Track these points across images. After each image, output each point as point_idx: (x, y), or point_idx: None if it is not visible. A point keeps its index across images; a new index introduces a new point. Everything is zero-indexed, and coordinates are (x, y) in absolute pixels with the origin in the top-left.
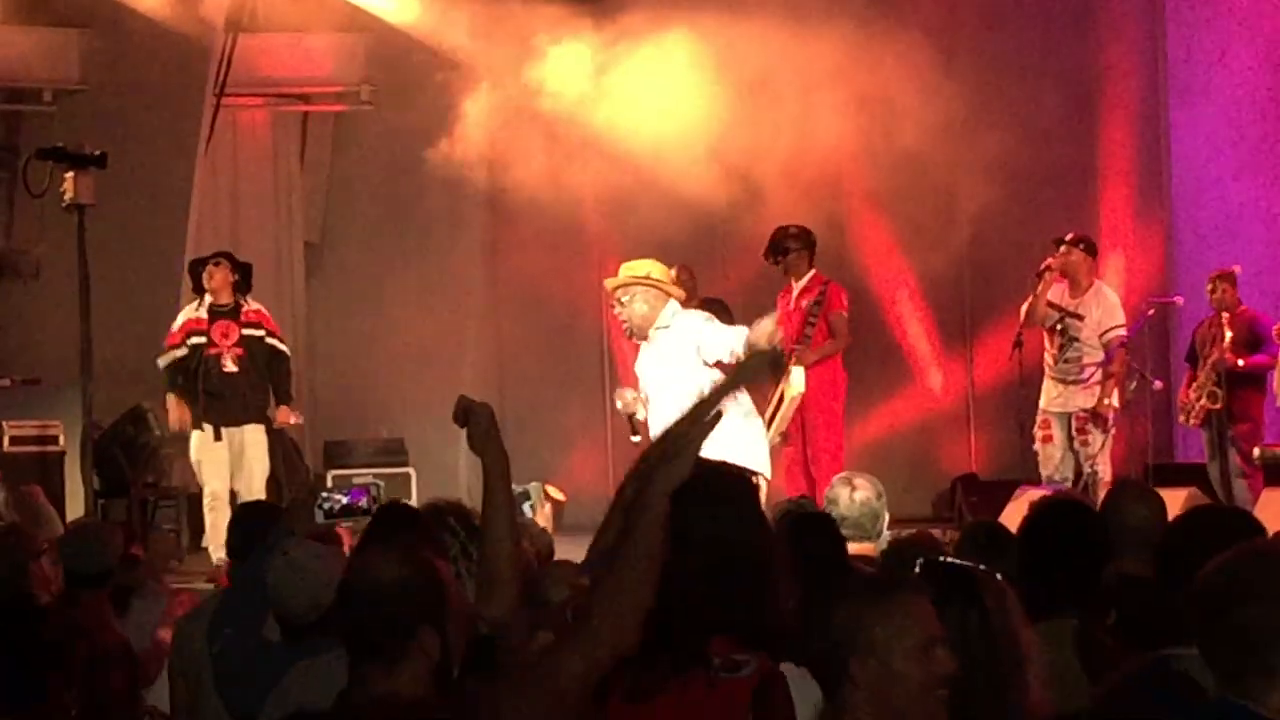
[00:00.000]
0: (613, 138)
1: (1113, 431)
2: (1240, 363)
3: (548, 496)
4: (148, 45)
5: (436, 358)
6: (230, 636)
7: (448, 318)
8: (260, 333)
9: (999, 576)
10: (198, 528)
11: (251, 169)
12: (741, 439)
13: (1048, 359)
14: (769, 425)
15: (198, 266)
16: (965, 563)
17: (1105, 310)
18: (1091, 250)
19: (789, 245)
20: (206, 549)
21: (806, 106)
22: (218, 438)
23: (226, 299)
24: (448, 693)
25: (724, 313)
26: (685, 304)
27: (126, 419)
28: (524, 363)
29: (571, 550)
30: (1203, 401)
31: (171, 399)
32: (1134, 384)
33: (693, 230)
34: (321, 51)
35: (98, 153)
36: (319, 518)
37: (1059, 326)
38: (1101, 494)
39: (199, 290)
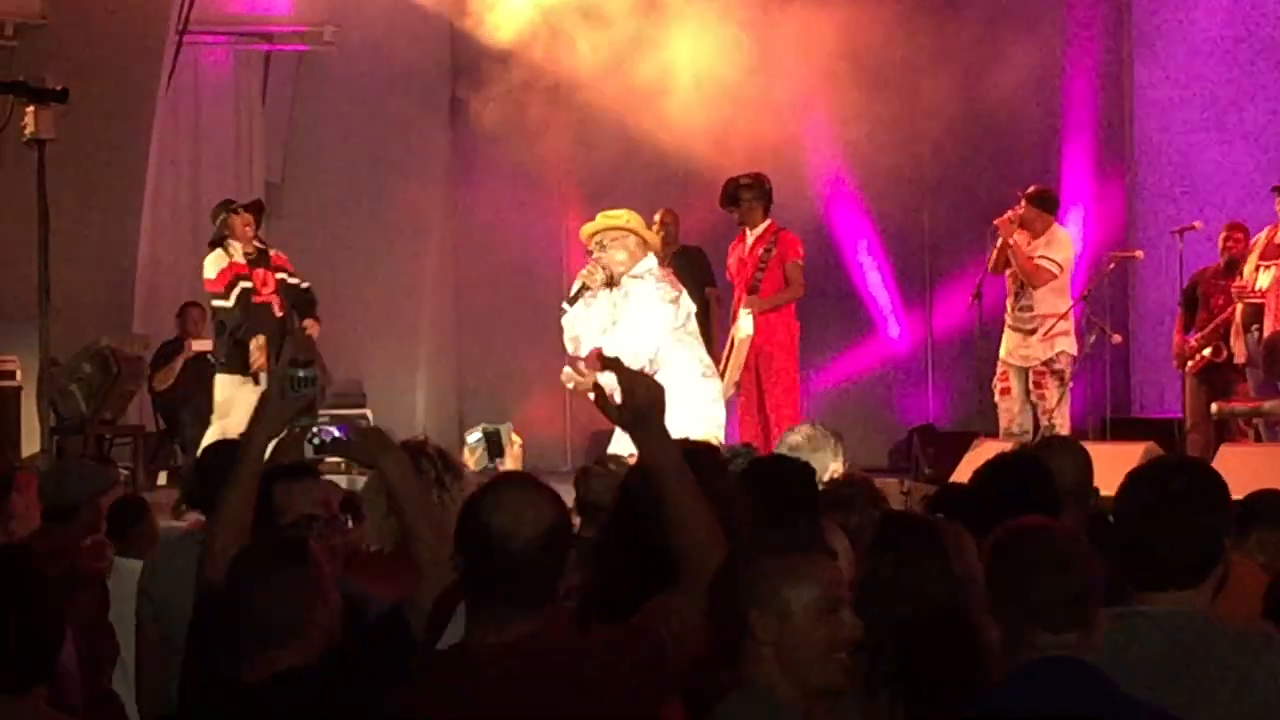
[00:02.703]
0: (575, 79)
1: (1070, 385)
2: None
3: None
4: None
5: (395, 299)
6: None
7: (407, 259)
8: (285, 275)
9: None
10: (156, 467)
11: (213, 108)
12: (698, 399)
13: (1008, 306)
14: (723, 374)
15: (224, 212)
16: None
17: (1048, 242)
18: (1043, 205)
19: (741, 195)
20: (163, 487)
21: (769, 53)
22: (256, 382)
23: (251, 247)
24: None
25: (702, 261)
26: (666, 249)
27: (84, 355)
28: (482, 305)
29: None
30: (1206, 352)
31: (261, 340)
32: (1093, 337)
33: (653, 173)
34: None
35: (59, 87)
36: (308, 452)
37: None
38: None
39: (218, 241)
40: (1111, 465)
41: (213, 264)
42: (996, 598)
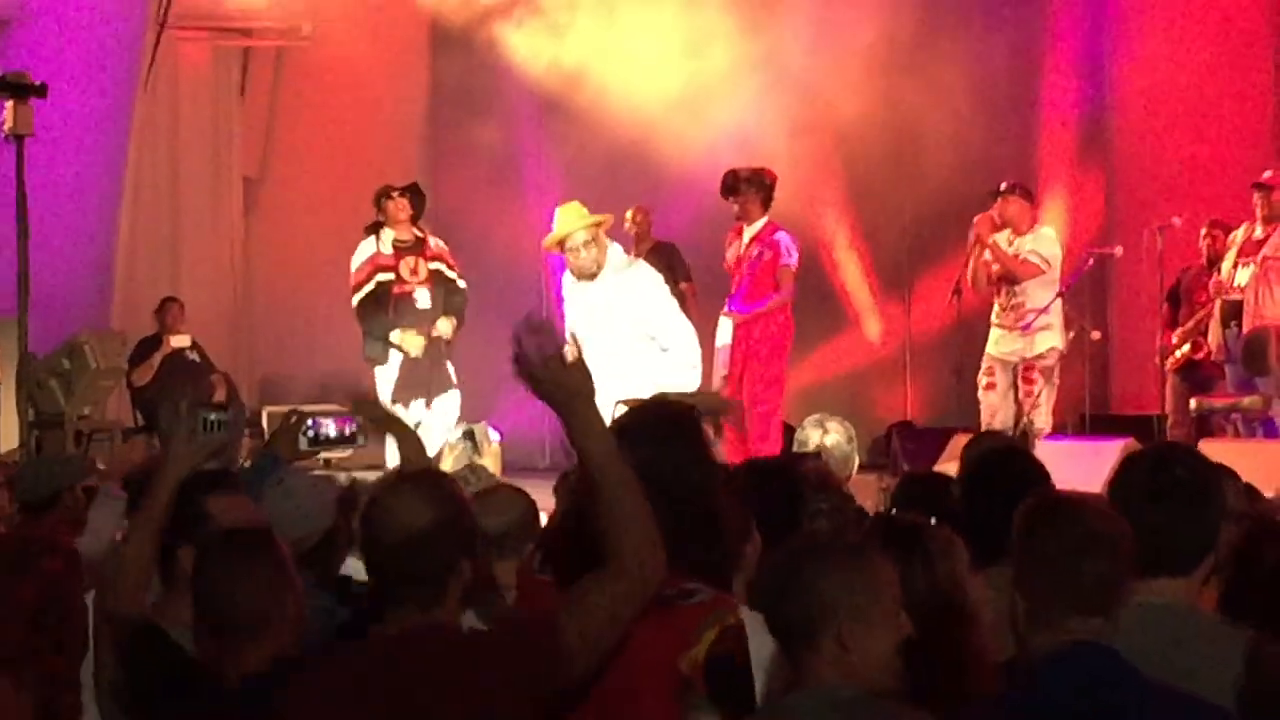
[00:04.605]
0: (552, 78)
1: (1056, 382)
2: None
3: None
4: None
5: None
6: None
7: None
8: (442, 267)
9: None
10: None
11: (192, 102)
12: (679, 369)
13: (996, 306)
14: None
15: (381, 198)
16: (910, 514)
17: (1036, 239)
18: (1027, 196)
19: (740, 187)
20: None
21: (749, 49)
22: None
23: (408, 233)
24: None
25: (675, 256)
26: (639, 244)
27: (63, 351)
28: None
29: None
30: (1186, 349)
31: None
32: (1072, 334)
33: (631, 171)
34: None
35: (39, 83)
36: (303, 444)
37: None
38: (1038, 443)
39: (374, 228)
40: (1091, 462)
41: (357, 257)
42: (1025, 572)
